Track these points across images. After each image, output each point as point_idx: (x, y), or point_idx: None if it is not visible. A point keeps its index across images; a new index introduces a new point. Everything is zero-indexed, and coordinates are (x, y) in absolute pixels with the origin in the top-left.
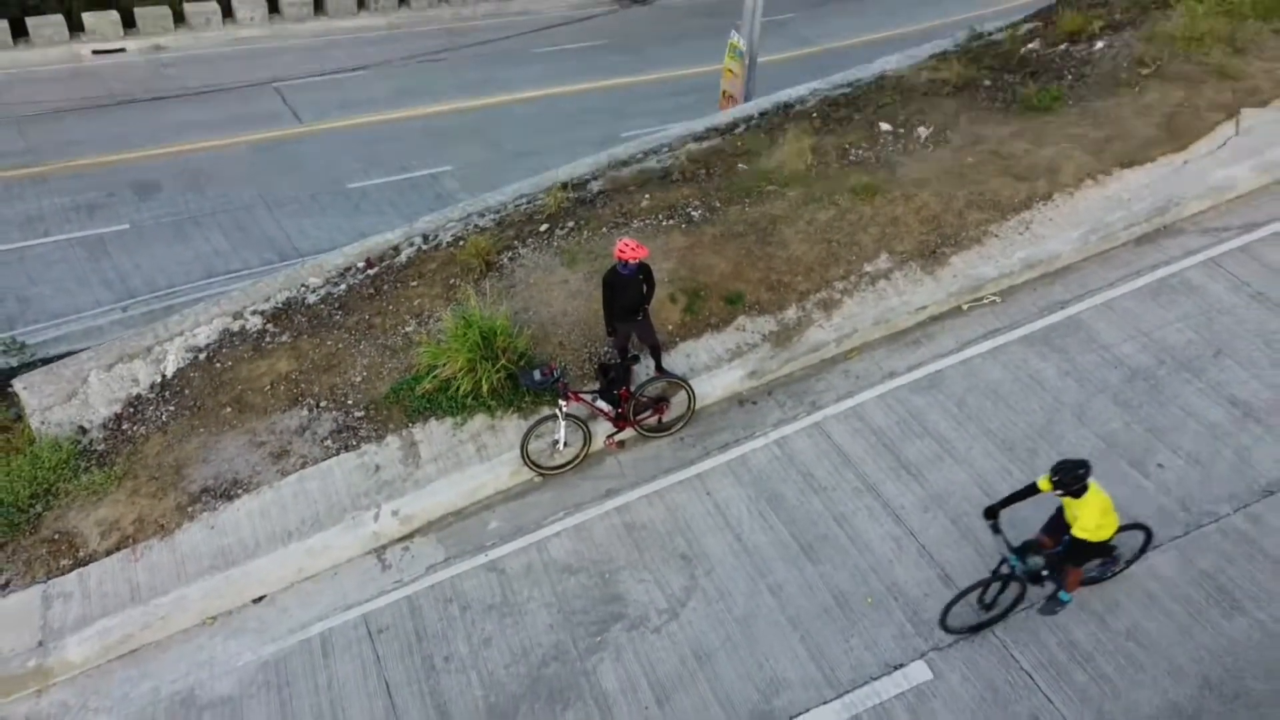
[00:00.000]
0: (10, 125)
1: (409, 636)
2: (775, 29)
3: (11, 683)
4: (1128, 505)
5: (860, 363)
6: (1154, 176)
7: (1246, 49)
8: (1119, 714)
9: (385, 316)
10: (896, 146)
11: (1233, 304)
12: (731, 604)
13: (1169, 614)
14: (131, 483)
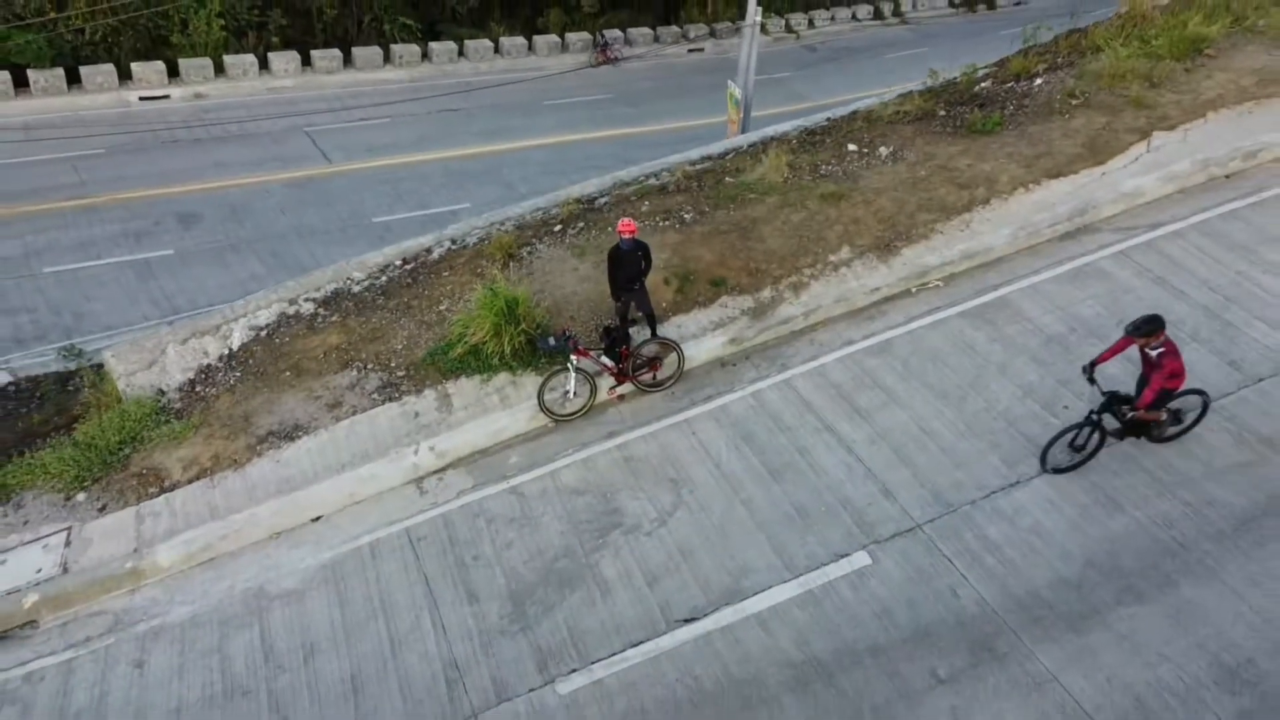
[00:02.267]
0: (65, 162)
1: (443, 542)
2: (773, 86)
3: (111, 582)
4: (1037, 438)
5: (823, 333)
6: (1076, 185)
7: (1161, 84)
8: (1019, 586)
9: (421, 299)
10: (861, 163)
11: (1136, 286)
12: (710, 514)
13: (1063, 514)
14: (206, 430)
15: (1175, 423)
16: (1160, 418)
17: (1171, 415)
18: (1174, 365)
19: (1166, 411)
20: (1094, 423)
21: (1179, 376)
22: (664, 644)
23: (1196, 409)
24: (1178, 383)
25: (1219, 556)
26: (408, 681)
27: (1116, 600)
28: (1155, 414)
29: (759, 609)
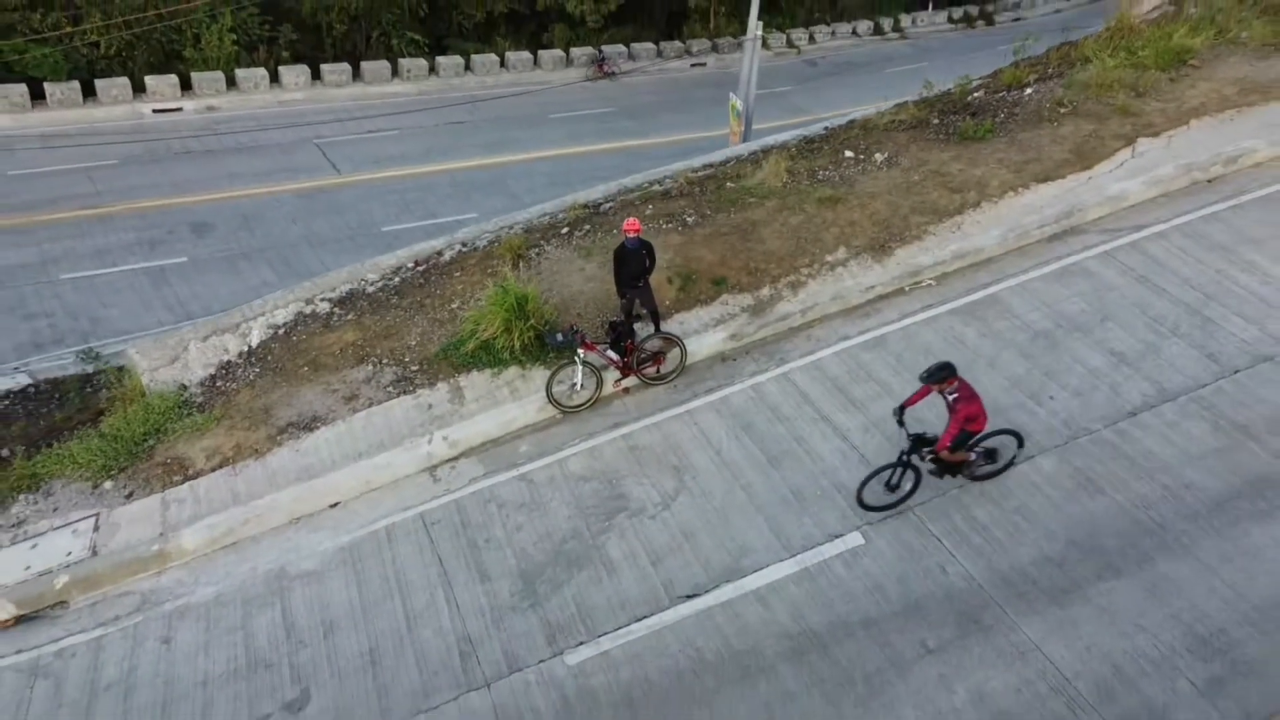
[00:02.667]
0: (81, 172)
1: (456, 526)
2: (774, 100)
3: (138, 564)
4: (1023, 426)
5: (820, 330)
6: (1063, 189)
7: (1147, 93)
8: (1005, 563)
9: (434, 298)
10: (857, 168)
11: (1120, 284)
12: (711, 498)
13: (1048, 497)
14: (228, 422)
15: (990, 461)
16: (968, 458)
17: (986, 454)
18: (968, 409)
19: (976, 451)
20: (905, 463)
21: (977, 419)
22: (667, 618)
23: (1012, 448)
24: (978, 425)
25: (1194, 535)
26: (423, 655)
27: (1097, 576)
28: (962, 455)
29: (757, 586)
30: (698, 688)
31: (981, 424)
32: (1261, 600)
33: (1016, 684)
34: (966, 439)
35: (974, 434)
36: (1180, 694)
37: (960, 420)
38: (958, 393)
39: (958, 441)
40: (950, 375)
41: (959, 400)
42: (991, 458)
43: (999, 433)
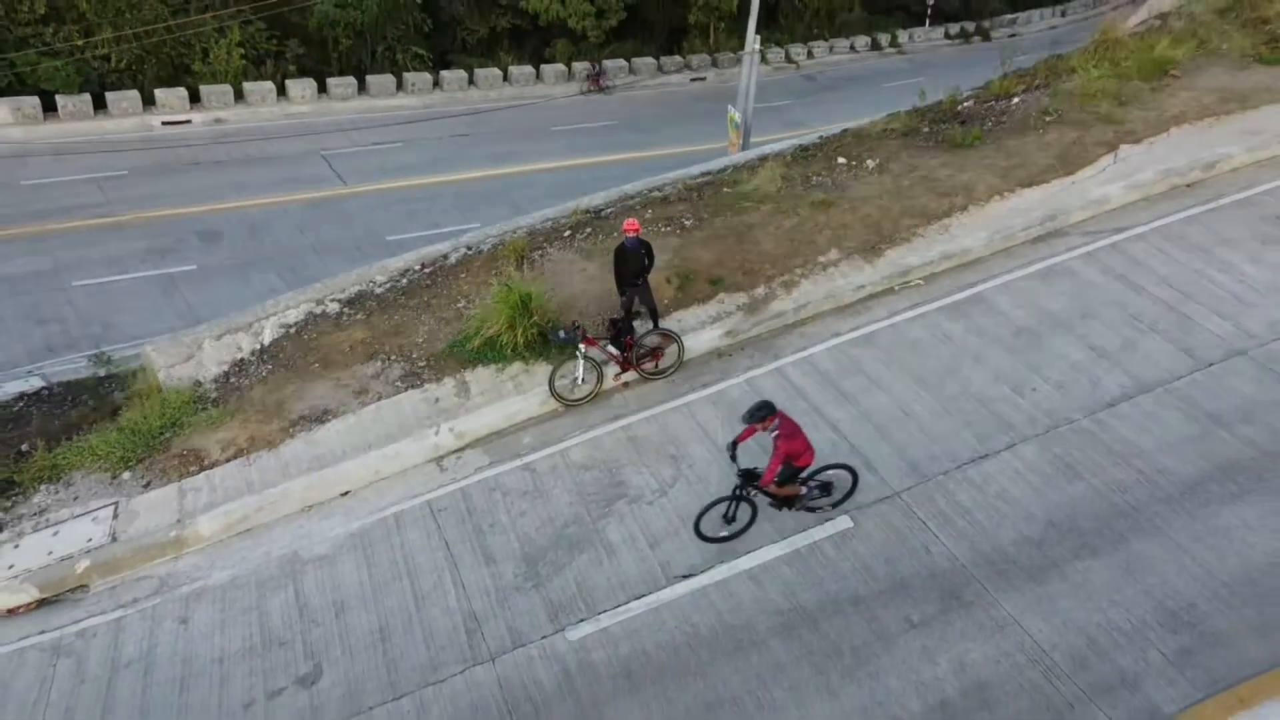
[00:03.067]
0: (92, 183)
1: (462, 513)
2: (773, 113)
3: (156, 549)
4: (1006, 417)
5: (813, 327)
6: (1047, 194)
7: (1130, 102)
8: (986, 544)
9: (440, 298)
10: (849, 174)
11: (1100, 283)
12: (707, 485)
13: (1028, 482)
14: (242, 415)
15: (826, 494)
16: (798, 492)
17: (821, 487)
18: (788, 447)
19: (810, 485)
20: (739, 497)
21: (801, 455)
22: (664, 596)
23: (847, 483)
24: (804, 460)
25: (1167, 517)
26: (431, 632)
27: (1074, 555)
28: (792, 489)
29: (750, 566)
30: (693, 660)
31: (808, 459)
32: (1229, 577)
33: (995, 655)
34: (795, 473)
35: (802, 469)
36: (1151, 663)
37: (781, 457)
38: (778, 430)
39: (784, 476)
40: (769, 414)
41: (779, 438)
42: (827, 491)
43: (834, 467)
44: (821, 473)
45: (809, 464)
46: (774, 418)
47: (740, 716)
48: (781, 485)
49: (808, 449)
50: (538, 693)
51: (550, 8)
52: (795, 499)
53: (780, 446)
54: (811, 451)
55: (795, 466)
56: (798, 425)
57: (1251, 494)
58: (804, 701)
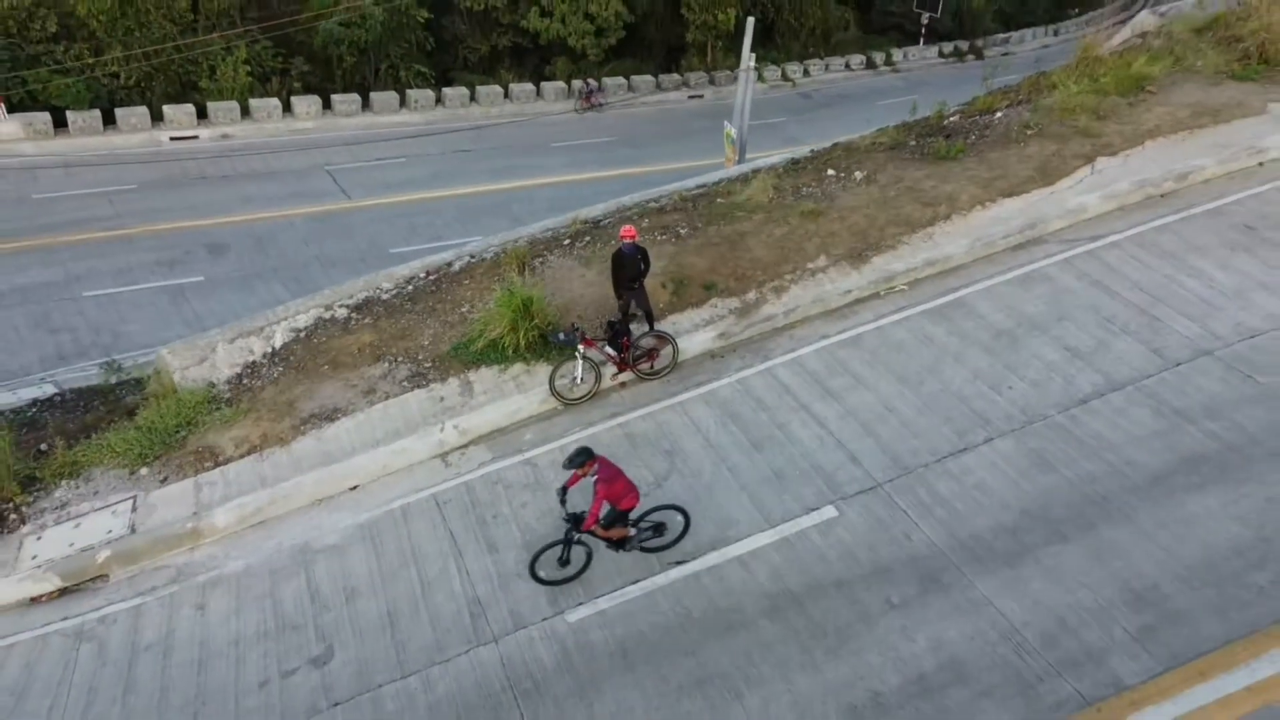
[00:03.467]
0: (102, 196)
1: (466, 504)
2: (769, 130)
3: (174, 540)
4: (984, 413)
5: (802, 330)
6: (1027, 203)
7: (1107, 116)
8: (963, 531)
9: (445, 303)
10: (838, 185)
11: (1076, 288)
12: (700, 478)
13: (1004, 474)
14: (254, 415)
15: (658, 535)
16: (627, 534)
17: (654, 528)
18: (607, 491)
19: (642, 527)
20: (571, 540)
21: (624, 498)
22: (659, 581)
23: (680, 524)
24: (627, 503)
25: (1135, 506)
26: (437, 616)
27: (1046, 541)
28: (620, 531)
29: (740, 553)
30: (685, 640)
31: (631, 501)
32: (1192, 560)
33: (970, 633)
34: (619, 516)
35: (627, 511)
36: (1116, 639)
37: (600, 501)
38: (598, 475)
39: (610, 519)
40: (588, 459)
41: (599, 482)
42: (660, 532)
43: (665, 508)
44: (653, 514)
45: (633, 506)
46: (593, 463)
47: (729, 691)
48: (608, 528)
49: (630, 492)
50: (538, 670)
51: (550, 27)
52: (626, 540)
53: (599, 491)
54: (635, 494)
55: (620, 509)
56: (619, 470)
57: (1214, 484)
58: (789, 676)
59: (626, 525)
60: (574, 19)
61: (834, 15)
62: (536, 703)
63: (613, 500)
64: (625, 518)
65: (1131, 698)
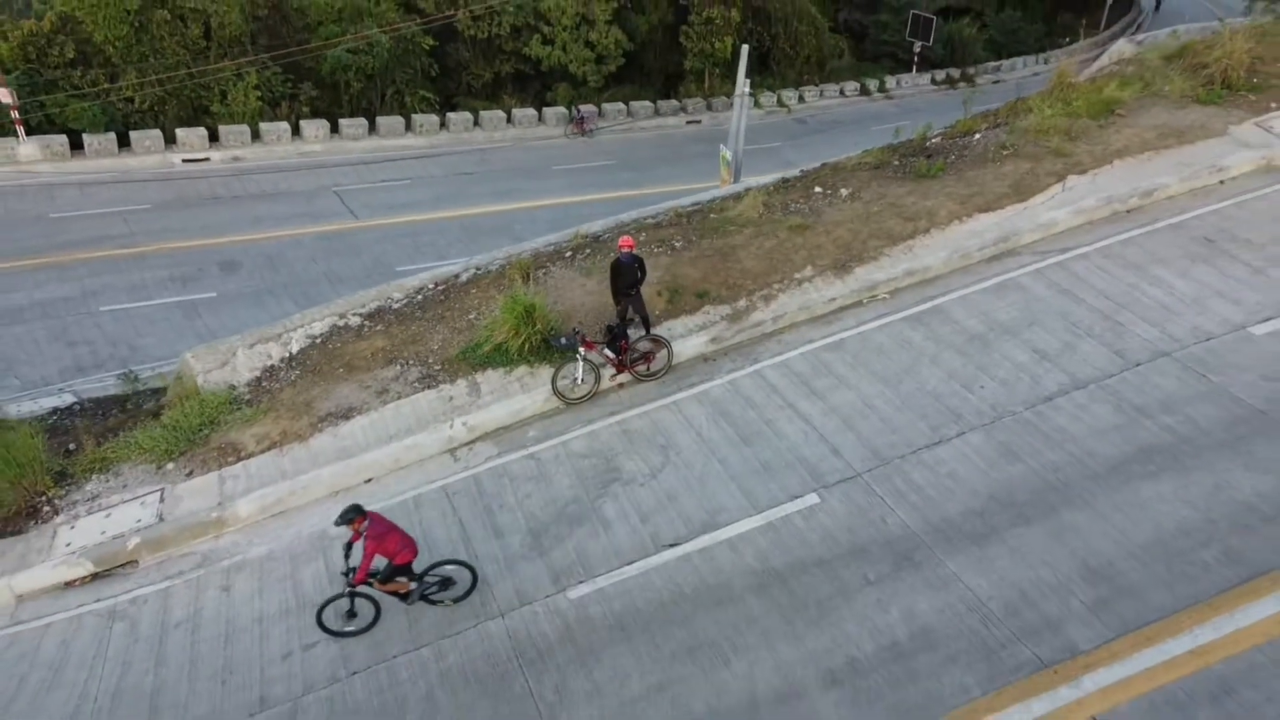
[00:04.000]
0: (117, 216)
1: (474, 495)
2: (765, 155)
3: (200, 529)
4: (957, 410)
5: (789, 335)
6: (1001, 218)
7: (1079, 137)
8: (935, 515)
9: (453, 311)
10: (824, 201)
11: (1046, 296)
12: (692, 470)
13: (974, 464)
14: (274, 413)
15: (445, 589)
16: (406, 588)
17: (441, 582)
18: (376, 547)
19: (426, 581)
20: (352, 593)
21: (398, 553)
22: (653, 562)
23: (468, 580)
24: (403, 557)
25: (1093, 491)
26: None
27: (1011, 524)
28: (396, 585)
29: (729, 536)
30: (678, 613)
31: (406, 556)
32: (1144, 540)
33: (940, 605)
34: (396, 570)
35: (403, 566)
36: (1072, 610)
37: (369, 556)
38: (367, 531)
39: (387, 573)
40: (356, 516)
41: (368, 539)
42: (447, 586)
43: (451, 563)
44: (439, 568)
45: (408, 561)
46: (362, 519)
47: (718, 657)
48: (385, 582)
49: (405, 548)
50: (542, 641)
51: (552, 54)
52: (408, 594)
53: (368, 547)
54: (411, 549)
55: (395, 565)
56: (391, 525)
57: (1167, 472)
58: (773, 645)
59: (408, 580)
60: (575, 47)
61: (829, 43)
62: (540, 670)
63: (387, 555)
64: (405, 571)
65: (1085, 661)
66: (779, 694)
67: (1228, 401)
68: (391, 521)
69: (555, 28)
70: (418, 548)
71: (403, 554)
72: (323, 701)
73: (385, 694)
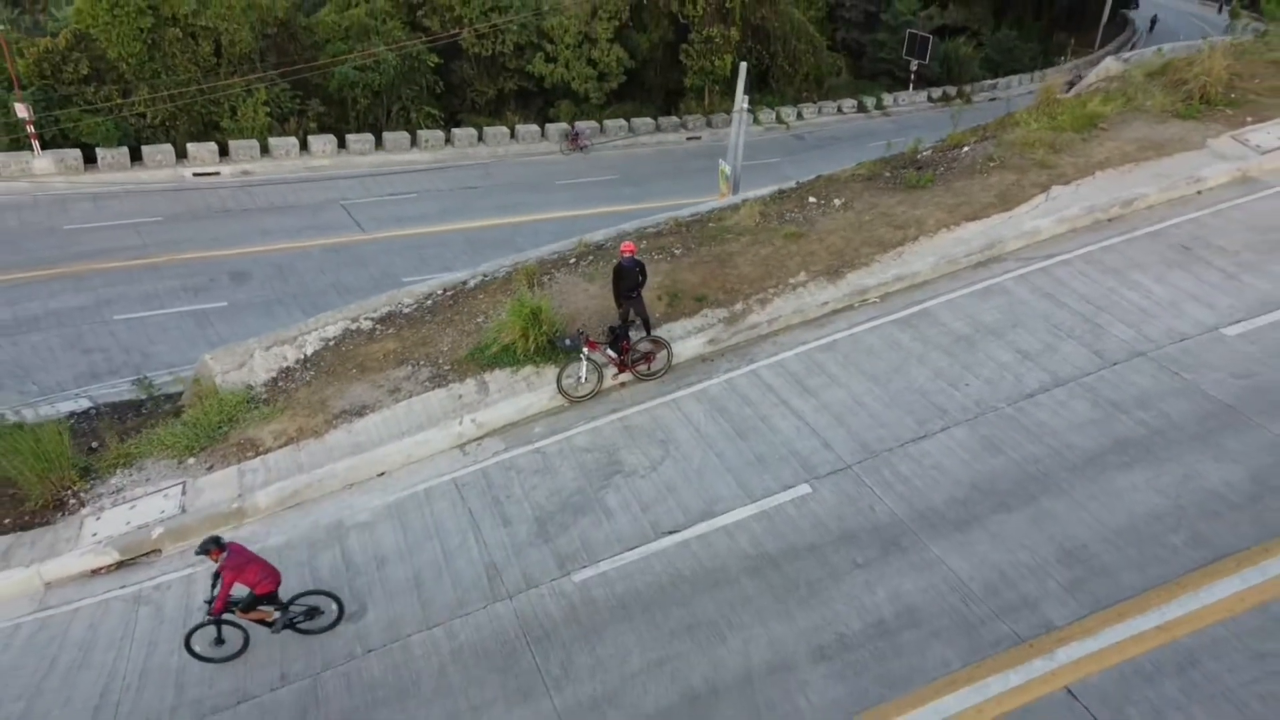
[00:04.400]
0: (129, 227)
1: (483, 487)
2: (764, 170)
3: (220, 519)
4: (943, 406)
5: (783, 336)
6: (987, 226)
7: (1063, 150)
8: (921, 503)
9: (461, 315)
10: (818, 211)
11: (1030, 299)
12: (690, 462)
13: (958, 456)
14: (290, 412)
15: (311, 618)
16: (269, 616)
17: (308, 612)
18: (233, 578)
19: (292, 611)
20: (219, 621)
21: (259, 583)
22: (653, 548)
23: (334, 610)
24: (264, 588)
25: (1071, 481)
26: (458, 578)
27: (992, 511)
28: (260, 614)
29: (725, 523)
30: (676, 595)
31: (267, 587)
32: (1118, 525)
33: (924, 586)
34: (258, 600)
35: (265, 595)
36: (1049, 590)
37: (228, 585)
38: (226, 562)
39: (248, 602)
40: (214, 547)
41: (224, 569)
42: (313, 615)
43: (318, 594)
44: (305, 597)
45: (270, 591)
46: (220, 550)
47: (714, 635)
48: (247, 610)
49: (266, 578)
50: (548, 621)
51: (555, 72)
52: (273, 622)
53: (226, 578)
54: (271, 580)
55: (257, 595)
56: (252, 557)
57: (1140, 463)
58: (766, 623)
59: (271, 608)
60: (577, 64)
61: (827, 62)
62: (547, 647)
63: (247, 585)
64: (269, 600)
65: (1059, 635)
66: (772, 667)
67: (1199, 398)
68: (253, 553)
69: (558, 46)
70: (280, 578)
71: (263, 584)
72: (340, 676)
73: (400, 670)
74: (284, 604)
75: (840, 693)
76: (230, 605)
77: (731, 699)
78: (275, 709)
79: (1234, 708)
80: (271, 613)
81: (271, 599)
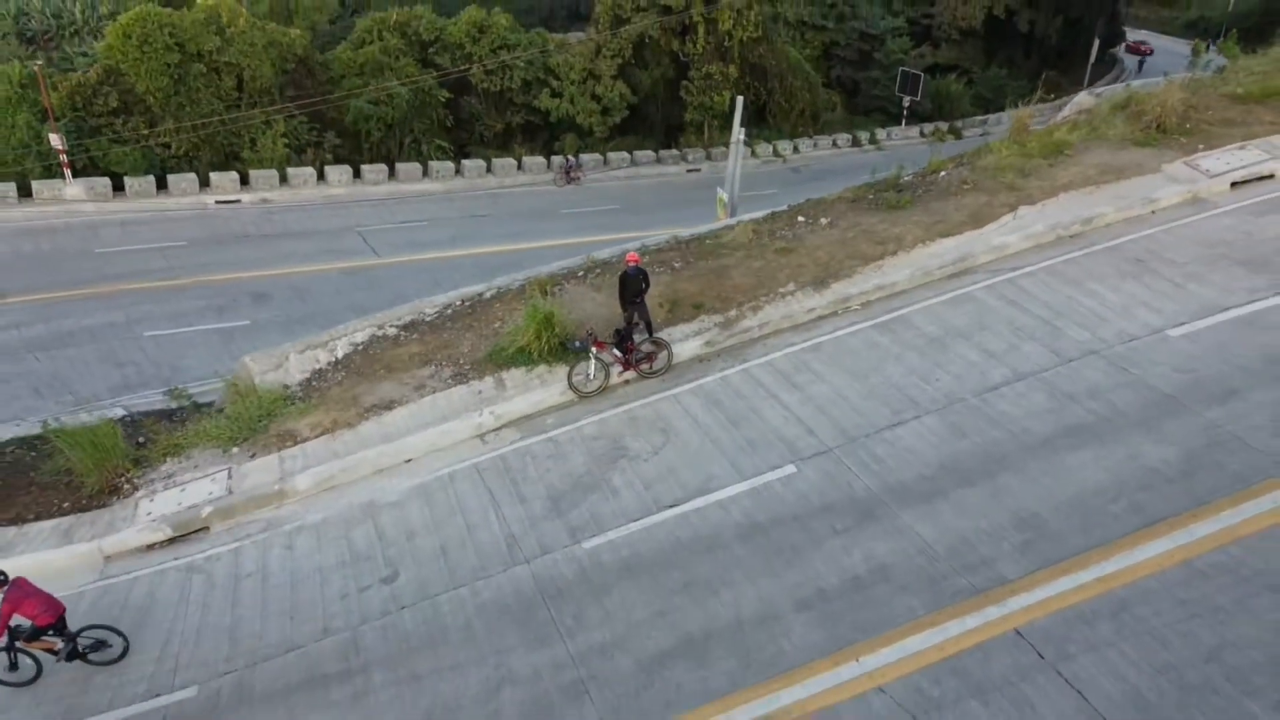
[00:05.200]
0: (156, 251)
1: (501, 470)
2: (760, 201)
3: (264, 500)
4: (915, 398)
5: (773, 339)
6: (960, 242)
7: (1031, 174)
8: (893, 480)
9: (480, 321)
10: (806, 229)
11: (997, 307)
12: (689, 447)
13: (928, 440)
14: (325, 407)
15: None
16: (54, 646)
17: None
18: (11, 610)
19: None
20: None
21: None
22: (655, 519)
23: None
24: (44, 620)
25: (1027, 461)
26: (480, 547)
27: (956, 486)
28: (46, 643)
29: (720, 498)
30: (675, 558)
31: (47, 619)
32: (1066, 497)
33: (894, 548)
34: (39, 631)
35: (45, 627)
36: (1003, 551)
37: (6, 616)
38: (6, 594)
39: (30, 634)
40: None
41: (5, 601)
42: (100, 648)
43: (103, 628)
44: (92, 631)
45: (49, 624)
46: (4, 584)
47: (709, 591)
48: (30, 640)
49: (46, 611)
50: (561, 581)
51: (560, 106)
52: (57, 652)
53: (3, 610)
54: (53, 612)
55: (37, 626)
56: (35, 590)
57: (1088, 445)
58: (755, 580)
59: (55, 639)
60: (582, 99)
61: (822, 98)
62: (560, 602)
63: (27, 618)
64: (53, 631)
65: (1011, 588)
66: (759, 617)
67: (1144, 389)
68: (37, 587)
69: (564, 82)
70: (62, 611)
71: (43, 617)
72: (377, 630)
73: (430, 623)
74: (72, 635)
75: (819, 637)
76: (15, 634)
77: (724, 642)
78: (319, 657)
79: (1158, 643)
80: (55, 643)
81: (56, 630)
